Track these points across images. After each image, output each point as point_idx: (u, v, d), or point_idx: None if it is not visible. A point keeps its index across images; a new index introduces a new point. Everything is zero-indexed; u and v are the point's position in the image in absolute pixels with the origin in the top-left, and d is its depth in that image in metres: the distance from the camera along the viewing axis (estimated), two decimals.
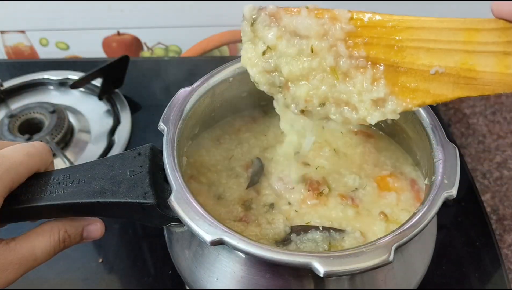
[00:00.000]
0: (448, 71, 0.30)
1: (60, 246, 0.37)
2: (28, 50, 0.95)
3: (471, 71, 0.29)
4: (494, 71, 0.28)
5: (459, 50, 0.29)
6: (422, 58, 0.31)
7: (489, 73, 0.28)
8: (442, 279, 0.56)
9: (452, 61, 0.30)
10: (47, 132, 0.71)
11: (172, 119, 0.41)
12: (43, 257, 0.36)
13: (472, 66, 0.29)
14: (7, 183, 0.34)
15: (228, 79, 0.46)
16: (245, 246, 0.32)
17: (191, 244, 0.40)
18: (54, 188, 0.36)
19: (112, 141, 0.74)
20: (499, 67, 0.28)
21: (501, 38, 0.27)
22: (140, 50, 0.96)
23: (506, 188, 0.70)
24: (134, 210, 0.37)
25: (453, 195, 0.35)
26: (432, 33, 0.30)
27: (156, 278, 0.57)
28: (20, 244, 0.35)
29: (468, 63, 0.29)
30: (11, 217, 0.36)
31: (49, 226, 0.37)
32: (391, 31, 0.32)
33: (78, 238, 0.38)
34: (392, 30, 0.32)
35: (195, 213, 0.34)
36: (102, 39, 0.93)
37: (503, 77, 0.28)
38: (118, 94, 0.82)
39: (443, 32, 0.30)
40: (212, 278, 0.38)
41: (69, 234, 0.37)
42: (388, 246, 0.32)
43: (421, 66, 0.31)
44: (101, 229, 0.39)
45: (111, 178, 0.37)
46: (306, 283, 0.36)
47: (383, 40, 0.32)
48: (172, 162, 0.38)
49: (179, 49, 0.95)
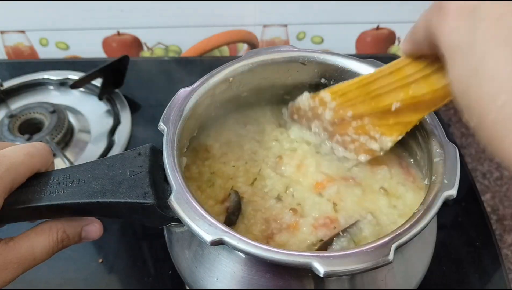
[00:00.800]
0: (402, 103, 0.38)
1: (58, 246, 0.37)
2: (28, 50, 0.95)
3: (415, 98, 0.36)
4: (427, 92, 0.35)
5: (400, 86, 0.37)
6: (384, 101, 0.39)
7: (426, 94, 0.35)
8: (442, 279, 0.56)
9: (400, 95, 0.37)
10: (47, 132, 0.71)
11: (172, 119, 0.41)
12: (41, 257, 0.36)
13: (413, 94, 0.36)
14: (7, 184, 0.34)
15: (228, 79, 0.46)
16: (245, 246, 0.32)
17: (191, 244, 0.40)
18: (54, 188, 0.36)
19: (112, 141, 0.74)
20: (428, 87, 0.35)
21: (417, 67, 0.35)
22: (140, 50, 0.96)
23: (506, 188, 0.70)
24: (134, 210, 0.37)
25: (453, 195, 0.35)
26: (382, 81, 0.39)
27: (156, 278, 0.57)
28: (19, 244, 0.35)
29: (409, 93, 0.37)
30: (10, 217, 0.36)
31: (48, 226, 0.37)
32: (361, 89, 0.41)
33: (77, 238, 0.38)
34: (361, 88, 0.41)
35: (195, 213, 0.34)
36: (102, 39, 0.93)
37: (434, 93, 0.35)
38: (118, 94, 0.82)
39: (387, 78, 0.38)
40: (212, 278, 0.38)
41: (67, 234, 0.37)
42: (388, 246, 0.32)
43: (386, 107, 0.39)
44: (100, 230, 0.39)
45: (111, 178, 0.37)
46: (306, 283, 0.36)
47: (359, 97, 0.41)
48: (172, 162, 0.37)
49: (179, 49, 0.95)
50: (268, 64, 0.47)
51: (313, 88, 0.49)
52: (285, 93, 0.51)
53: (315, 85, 0.49)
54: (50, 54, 0.95)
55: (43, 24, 0.91)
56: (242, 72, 0.46)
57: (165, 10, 0.88)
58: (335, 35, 0.93)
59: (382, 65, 0.44)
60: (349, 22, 0.90)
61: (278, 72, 0.48)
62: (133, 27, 0.91)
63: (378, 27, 0.91)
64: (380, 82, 0.39)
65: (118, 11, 0.88)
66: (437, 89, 0.34)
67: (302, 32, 0.93)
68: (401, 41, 0.93)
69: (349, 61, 0.46)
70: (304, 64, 0.47)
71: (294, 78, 0.49)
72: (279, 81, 0.49)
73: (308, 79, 0.49)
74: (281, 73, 0.48)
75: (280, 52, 0.47)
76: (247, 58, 0.46)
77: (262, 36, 0.93)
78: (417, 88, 0.35)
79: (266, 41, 0.94)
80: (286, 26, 0.91)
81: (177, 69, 0.88)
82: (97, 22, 0.90)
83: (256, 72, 0.47)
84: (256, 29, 0.92)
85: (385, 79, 0.38)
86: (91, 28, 0.91)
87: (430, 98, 0.35)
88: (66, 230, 0.37)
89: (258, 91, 0.50)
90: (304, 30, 0.92)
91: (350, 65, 0.46)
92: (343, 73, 0.47)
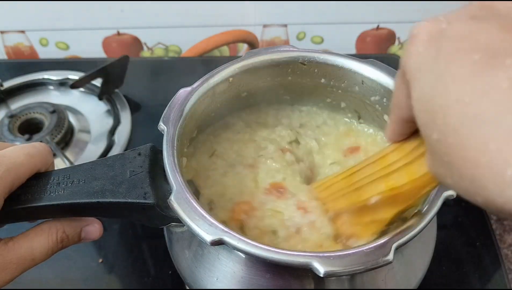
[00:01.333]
0: (381, 196, 0.35)
1: (58, 247, 0.37)
2: (28, 50, 0.95)
3: (394, 189, 0.34)
4: (406, 182, 0.33)
5: (382, 175, 0.35)
6: (365, 193, 0.37)
7: (405, 185, 0.33)
8: (442, 279, 0.56)
9: (381, 187, 0.35)
10: (47, 132, 0.71)
11: (172, 119, 0.41)
12: (41, 257, 0.36)
13: (393, 185, 0.34)
14: (7, 184, 0.34)
15: (228, 79, 0.46)
16: (245, 246, 0.32)
17: (191, 244, 0.40)
18: (54, 188, 0.36)
19: (112, 141, 0.74)
20: (408, 176, 0.33)
21: (401, 154, 0.34)
22: (140, 50, 0.96)
23: None
24: (134, 210, 0.37)
25: (453, 195, 0.35)
26: (366, 170, 0.37)
27: (156, 278, 0.57)
28: (18, 244, 0.35)
29: (389, 183, 0.34)
30: (10, 217, 0.36)
31: (48, 226, 0.37)
32: (346, 180, 0.39)
33: (76, 239, 0.38)
34: (346, 179, 0.39)
35: (195, 213, 0.34)
36: (102, 39, 0.93)
37: (414, 183, 0.33)
38: (118, 94, 0.82)
39: (371, 167, 0.37)
40: (212, 278, 0.38)
41: (67, 234, 0.37)
42: (388, 246, 0.32)
43: (365, 201, 0.37)
44: (99, 230, 0.39)
45: (111, 178, 0.37)
46: (306, 283, 0.36)
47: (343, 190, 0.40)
48: (172, 162, 0.38)
49: (179, 49, 0.95)
50: (268, 64, 0.47)
51: (313, 88, 0.49)
52: (285, 93, 0.51)
53: (315, 85, 0.49)
54: (50, 54, 0.95)
55: (43, 24, 0.91)
56: (242, 72, 0.46)
57: (165, 10, 0.88)
58: (335, 35, 0.92)
59: (382, 65, 0.44)
60: (349, 22, 0.90)
61: (278, 72, 0.48)
62: (133, 27, 0.91)
63: (378, 27, 0.91)
64: (364, 172, 0.37)
65: (118, 11, 0.88)
66: (417, 179, 0.32)
67: (302, 32, 0.93)
68: (401, 41, 0.94)
69: (349, 61, 0.46)
70: (304, 64, 0.47)
71: (294, 78, 0.49)
72: (279, 81, 0.49)
73: (308, 79, 0.49)
74: (281, 73, 0.48)
75: (280, 52, 0.47)
76: (247, 58, 0.46)
77: (262, 36, 0.93)
78: (398, 178, 0.34)
79: (266, 41, 0.94)
80: (286, 26, 0.91)
81: (177, 69, 0.88)
82: (97, 22, 0.90)
83: (256, 72, 0.47)
84: (256, 29, 0.92)
85: (369, 168, 0.37)
86: (91, 28, 0.91)
87: (409, 188, 0.33)
88: (66, 231, 0.37)
89: (258, 91, 0.50)
90: (304, 30, 0.92)
91: (350, 65, 0.46)
92: (344, 73, 0.47)
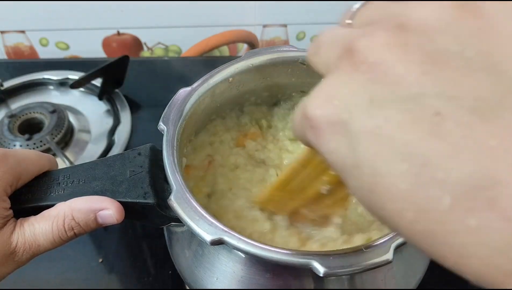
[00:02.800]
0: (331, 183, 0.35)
1: (68, 234, 0.35)
2: (28, 50, 0.95)
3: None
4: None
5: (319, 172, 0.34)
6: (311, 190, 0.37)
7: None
8: (442, 279, 0.56)
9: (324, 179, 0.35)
10: (47, 132, 0.71)
11: (172, 119, 0.41)
12: (46, 245, 0.34)
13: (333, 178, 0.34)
14: (17, 174, 0.34)
15: (228, 79, 0.46)
16: (245, 246, 0.32)
17: (191, 244, 0.40)
18: (54, 188, 0.36)
19: (112, 141, 0.74)
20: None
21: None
22: (140, 50, 0.96)
23: None
24: (134, 210, 0.37)
25: None
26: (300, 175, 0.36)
27: (156, 278, 0.57)
28: (23, 227, 0.34)
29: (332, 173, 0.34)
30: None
31: (56, 211, 0.35)
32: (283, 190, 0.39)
33: (93, 225, 0.36)
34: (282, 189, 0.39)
35: (195, 213, 0.34)
36: (102, 39, 0.93)
37: None
38: (118, 94, 0.82)
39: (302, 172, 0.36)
40: (212, 278, 0.38)
41: (77, 221, 0.35)
42: (387, 246, 0.32)
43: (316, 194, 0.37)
44: (117, 213, 0.36)
45: (111, 178, 0.37)
46: (306, 283, 0.36)
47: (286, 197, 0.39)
48: (172, 162, 0.37)
49: (179, 49, 0.95)
50: (268, 64, 0.47)
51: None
52: (285, 93, 0.51)
53: (315, 85, 0.49)
54: (50, 54, 0.96)
55: (43, 24, 0.91)
56: (242, 72, 0.46)
57: (165, 10, 0.88)
58: None
59: None
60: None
61: (278, 72, 0.48)
62: (133, 27, 0.92)
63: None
64: (299, 177, 0.36)
65: (118, 11, 0.88)
66: None
67: (302, 32, 0.93)
68: None
69: None
70: (304, 64, 0.47)
71: (294, 78, 0.49)
72: (279, 81, 0.49)
73: (308, 79, 0.49)
74: (281, 73, 0.48)
75: (280, 52, 0.47)
76: (247, 58, 0.46)
77: (262, 36, 0.93)
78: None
79: (266, 41, 0.94)
80: (286, 26, 0.91)
81: (177, 69, 0.88)
82: (97, 22, 0.90)
83: (256, 72, 0.47)
84: (256, 29, 0.92)
85: (302, 173, 0.36)
86: (91, 28, 0.91)
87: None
88: (76, 217, 0.35)
89: (258, 91, 0.50)
90: (304, 30, 0.92)
91: None
92: None
